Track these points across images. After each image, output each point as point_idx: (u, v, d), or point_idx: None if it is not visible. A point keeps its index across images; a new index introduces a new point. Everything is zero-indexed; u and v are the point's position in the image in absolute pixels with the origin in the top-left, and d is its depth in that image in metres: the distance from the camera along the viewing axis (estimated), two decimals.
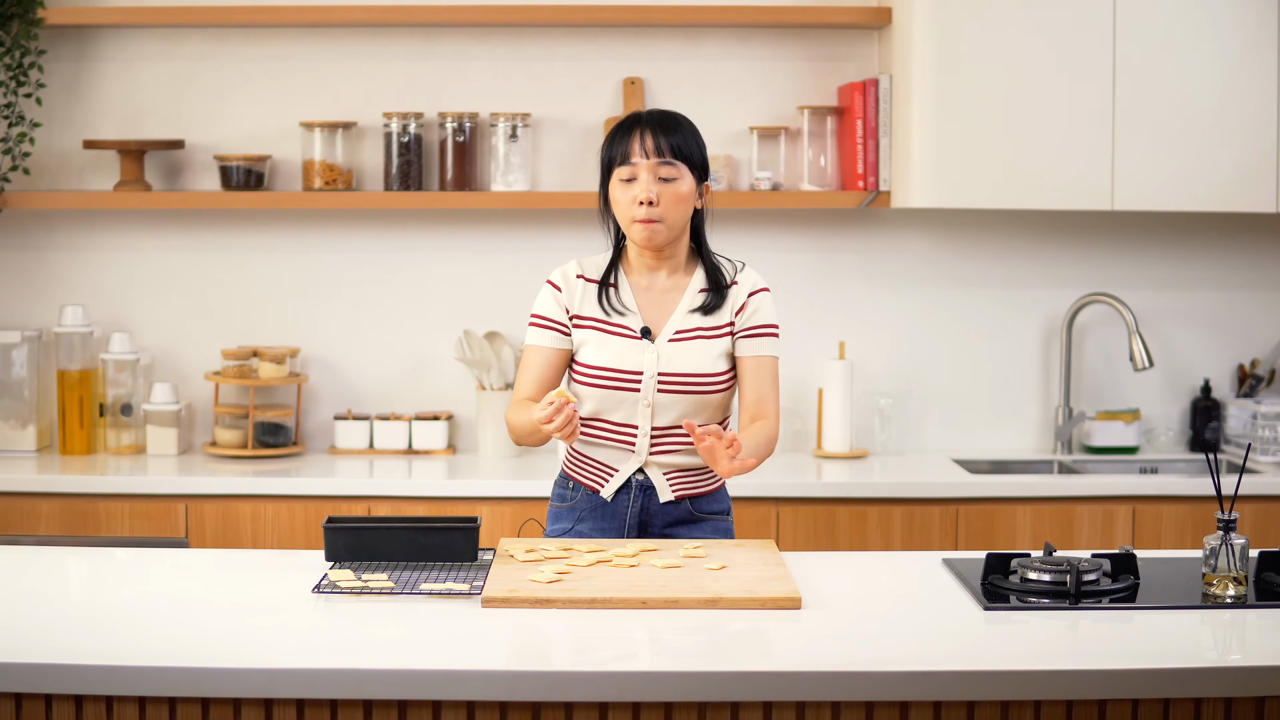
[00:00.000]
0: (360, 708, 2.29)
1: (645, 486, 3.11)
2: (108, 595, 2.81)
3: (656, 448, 3.09)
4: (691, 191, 3.08)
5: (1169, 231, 4.59)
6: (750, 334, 3.11)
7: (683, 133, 3.08)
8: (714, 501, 3.16)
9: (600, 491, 3.12)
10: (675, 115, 3.11)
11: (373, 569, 2.81)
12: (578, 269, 3.16)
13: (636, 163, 3.05)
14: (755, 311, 3.12)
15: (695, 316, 3.10)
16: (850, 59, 4.52)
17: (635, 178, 3.05)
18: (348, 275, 4.56)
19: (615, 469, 3.11)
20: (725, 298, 3.12)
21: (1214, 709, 2.32)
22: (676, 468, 3.11)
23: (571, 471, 3.18)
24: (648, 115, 3.10)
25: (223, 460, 4.35)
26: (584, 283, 3.14)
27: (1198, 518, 4.08)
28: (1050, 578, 2.71)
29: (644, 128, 3.07)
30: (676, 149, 3.05)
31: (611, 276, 3.14)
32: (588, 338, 3.10)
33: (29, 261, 4.55)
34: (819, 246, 4.55)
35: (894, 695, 2.28)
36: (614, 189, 3.09)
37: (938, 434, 4.60)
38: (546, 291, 3.15)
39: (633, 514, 3.11)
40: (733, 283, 3.13)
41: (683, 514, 3.12)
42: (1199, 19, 4.21)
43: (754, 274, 3.16)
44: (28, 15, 4.28)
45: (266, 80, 4.51)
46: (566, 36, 4.50)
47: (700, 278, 3.13)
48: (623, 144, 3.07)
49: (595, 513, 3.13)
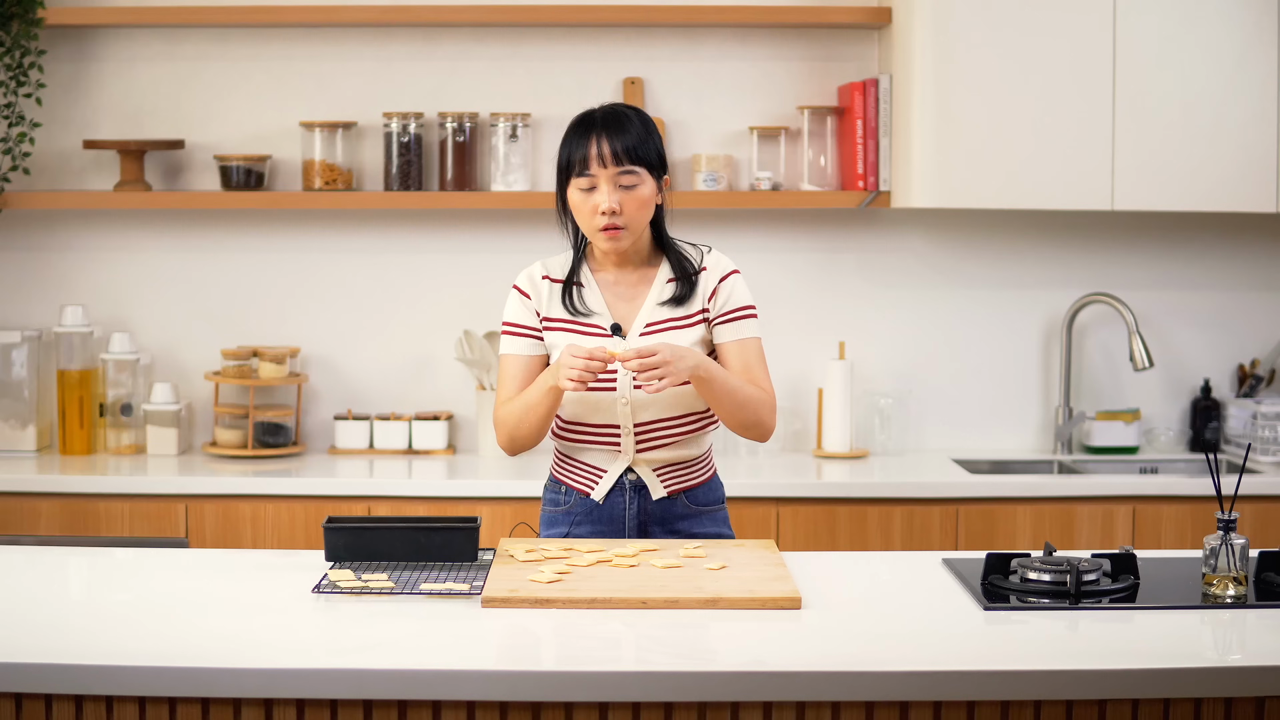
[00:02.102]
0: (360, 708, 2.29)
1: (638, 486, 3.09)
2: (108, 595, 2.81)
3: (642, 445, 3.06)
4: (652, 193, 3.03)
5: (1169, 231, 4.59)
6: (727, 319, 3.07)
7: (637, 133, 3.01)
8: (709, 492, 3.14)
9: (591, 494, 3.10)
10: (627, 114, 3.03)
11: (373, 569, 2.81)
12: (542, 270, 3.12)
13: (595, 173, 2.99)
14: (729, 296, 3.07)
15: (666, 308, 3.06)
16: (850, 59, 4.52)
17: (595, 187, 3.00)
18: (348, 275, 4.56)
19: (604, 470, 3.09)
20: (695, 285, 3.07)
21: (1214, 709, 2.32)
22: (665, 463, 3.09)
23: (561, 476, 3.15)
24: (601, 118, 3.02)
25: (223, 460, 4.35)
26: (549, 283, 3.10)
27: (1198, 518, 4.08)
28: (1050, 578, 2.71)
29: (599, 133, 2.99)
30: (633, 153, 2.99)
31: (577, 275, 3.10)
32: (558, 340, 3.06)
33: (29, 261, 4.55)
34: (819, 247, 4.55)
35: (894, 695, 2.28)
36: (573, 195, 3.03)
37: (938, 434, 4.60)
38: (514, 298, 3.12)
39: (630, 516, 3.09)
40: (701, 269, 3.08)
41: (680, 510, 3.11)
42: (1199, 19, 4.21)
43: (721, 257, 3.11)
44: (28, 15, 4.29)
45: (266, 80, 4.51)
46: (566, 36, 4.50)
47: (666, 268, 3.09)
48: (580, 150, 3.00)
49: (591, 516, 3.11)
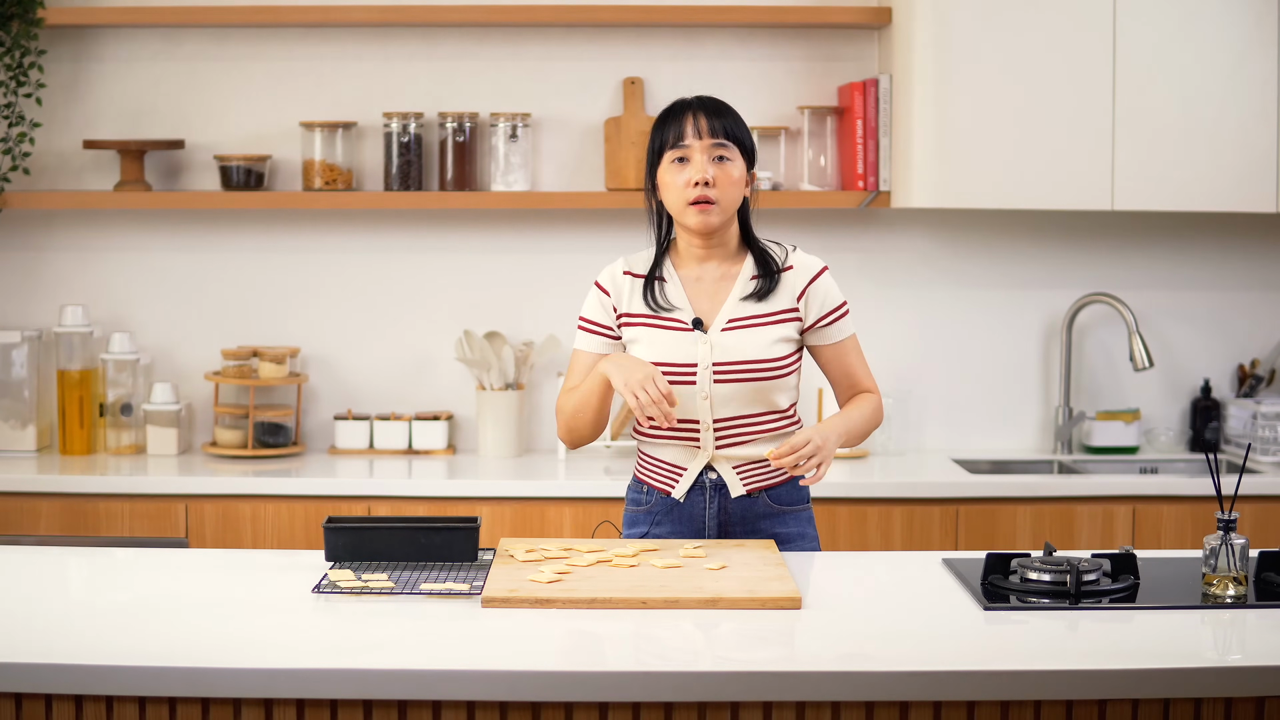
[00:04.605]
0: (360, 708, 2.29)
1: (718, 485, 3.06)
2: (108, 595, 2.81)
3: (721, 441, 3.04)
4: (743, 175, 3.04)
5: (1169, 231, 4.60)
6: (824, 324, 3.07)
7: (733, 117, 3.05)
8: (792, 491, 3.10)
9: (672, 493, 3.08)
10: (722, 101, 3.07)
11: (373, 569, 2.81)
12: (624, 265, 3.10)
13: (690, 144, 3.00)
14: (824, 298, 3.07)
15: (749, 304, 3.05)
16: (850, 59, 4.52)
17: (689, 159, 3.00)
18: (348, 275, 4.56)
19: (683, 468, 3.06)
20: (778, 282, 3.06)
21: (1214, 709, 2.32)
22: (745, 460, 3.05)
23: (642, 475, 3.14)
24: (697, 100, 3.05)
25: (223, 460, 4.35)
26: (631, 279, 3.09)
27: (1198, 518, 4.08)
28: (1050, 578, 2.71)
29: (695, 110, 3.02)
30: (729, 131, 3.02)
31: (659, 270, 3.09)
32: (638, 335, 3.05)
33: (29, 261, 4.55)
34: (819, 246, 4.53)
35: (894, 695, 2.28)
36: (664, 173, 3.03)
37: (938, 434, 4.60)
38: (593, 295, 3.11)
39: (710, 515, 3.06)
40: (786, 267, 3.07)
41: (762, 509, 3.07)
42: (1199, 19, 4.21)
43: (807, 256, 3.10)
44: (28, 15, 4.28)
45: (266, 80, 4.51)
46: (566, 36, 4.50)
47: (750, 265, 3.08)
48: (675, 126, 3.02)
49: (671, 515, 3.08)
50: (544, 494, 4.06)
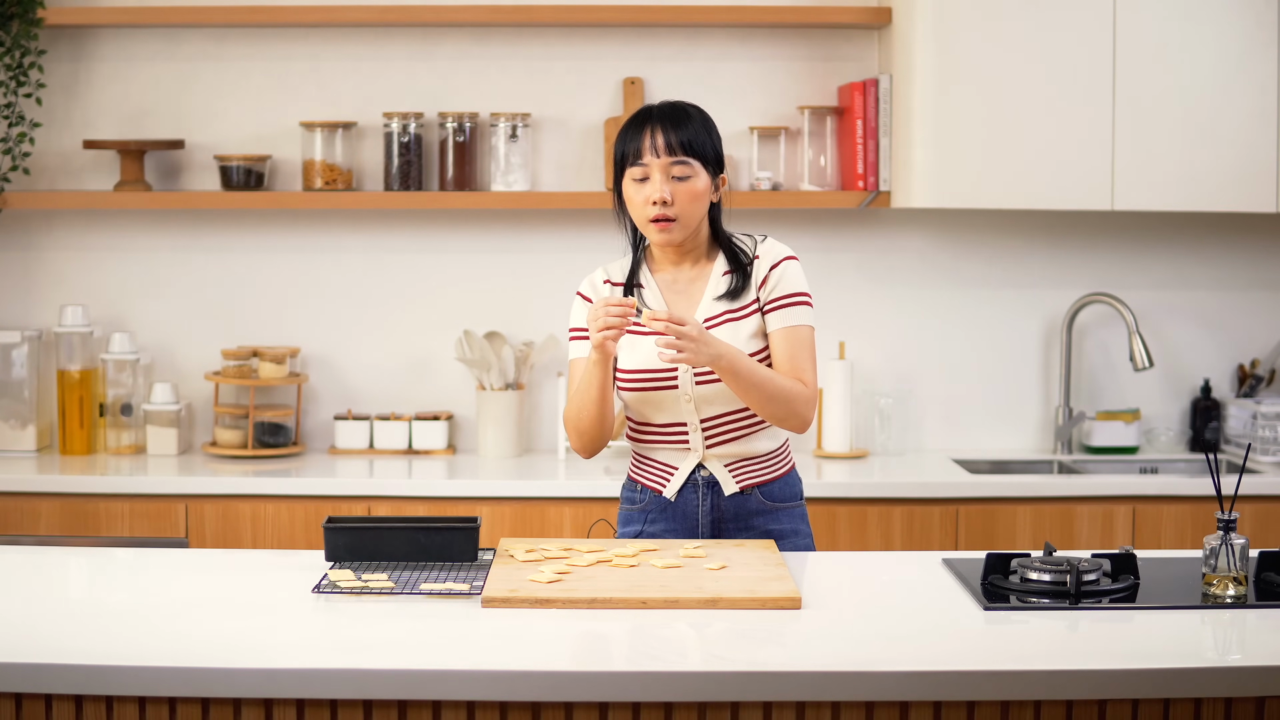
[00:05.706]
0: (360, 708, 2.29)
1: (710, 483, 3.07)
2: (108, 595, 2.81)
3: (711, 440, 3.05)
4: (706, 188, 3.02)
5: (1169, 231, 4.60)
6: (776, 305, 3.04)
7: (694, 126, 3.01)
8: (785, 487, 3.10)
9: (663, 492, 3.09)
10: (685, 108, 3.04)
11: (373, 569, 2.81)
12: (604, 274, 3.12)
13: (648, 162, 2.99)
14: (779, 282, 3.04)
15: (722, 302, 3.05)
16: (850, 59, 4.52)
17: (648, 177, 3.00)
18: (347, 275, 4.56)
19: (675, 467, 3.07)
20: (749, 276, 3.06)
21: (1214, 709, 2.32)
22: (737, 457, 3.06)
23: (636, 475, 3.15)
24: (658, 110, 3.03)
25: (223, 460, 4.35)
26: (611, 288, 3.11)
27: (1198, 518, 4.08)
28: (1050, 578, 2.71)
29: (654, 124, 3.00)
30: (688, 145, 2.99)
31: (637, 277, 3.10)
32: (620, 343, 3.04)
33: (29, 261, 4.55)
34: (819, 246, 4.55)
35: (894, 695, 2.28)
36: (627, 187, 3.03)
37: (938, 434, 4.60)
38: (578, 304, 3.12)
39: (704, 512, 3.07)
40: (755, 258, 3.07)
41: (755, 506, 3.08)
42: (1199, 19, 4.22)
43: (775, 244, 3.09)
44: (28, 15, 4.29)
45: (266, 80, 4.51)
46: (566, 36, 4.50)
47: (722, 262, 3.08)
48: (634, 141, 3.01)
49: (664, 513, 3.09)
50: (544, 494, 4.06)
